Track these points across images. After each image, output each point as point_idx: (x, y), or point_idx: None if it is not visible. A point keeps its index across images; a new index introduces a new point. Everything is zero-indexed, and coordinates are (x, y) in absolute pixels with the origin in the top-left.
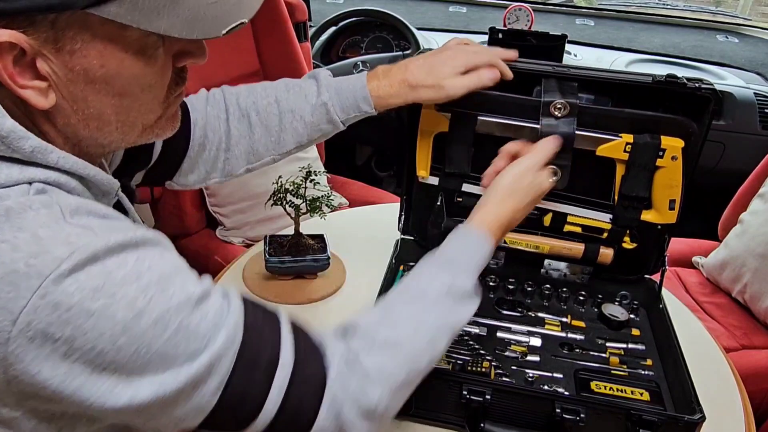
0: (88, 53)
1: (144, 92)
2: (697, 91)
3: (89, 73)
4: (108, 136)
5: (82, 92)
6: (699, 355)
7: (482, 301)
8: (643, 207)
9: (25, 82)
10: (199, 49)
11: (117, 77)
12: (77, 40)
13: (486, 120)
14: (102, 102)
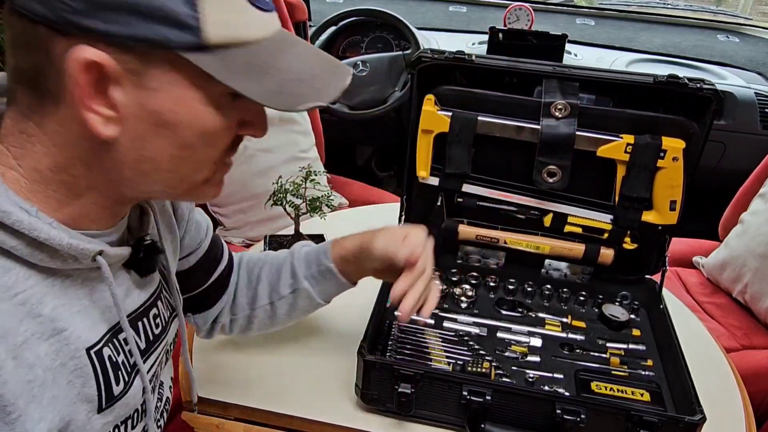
0: (165, 95)
1: (204, 148)
2: (698, 92)
3: (160, 116)
4: (152, 184)
5: (146, 132)
6: (699, 355)
7: (482, 302)
8: (643, 208)
9: (93, 106)
10: (261, 123)
11: (185, 127)
12: (161, 80)
13: (486, 120)
14: (161, 148)
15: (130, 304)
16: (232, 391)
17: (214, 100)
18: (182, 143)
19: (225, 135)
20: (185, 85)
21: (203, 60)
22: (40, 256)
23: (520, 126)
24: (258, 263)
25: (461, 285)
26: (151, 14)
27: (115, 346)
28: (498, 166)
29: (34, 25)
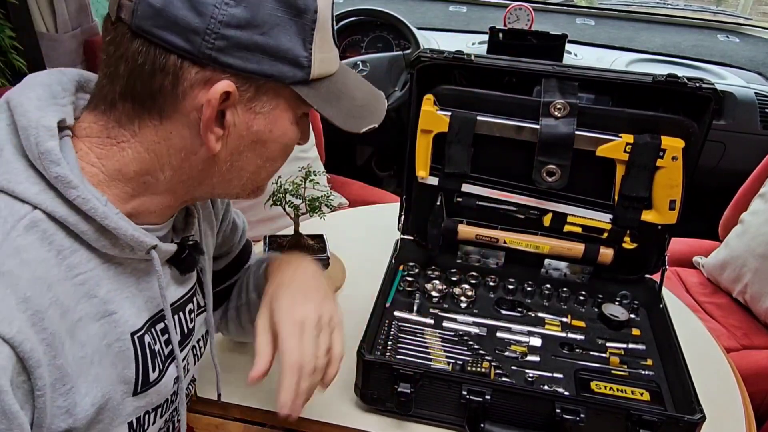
0: (267, 117)
1: (282, 159)
2: (697, 91)
3: (259, 134)
4: (227, 189)
5: (244, 147)
6: (699, 355)
7: (482, 301)
8: (643, 207)
9: (212, 126)
10: (306, 137)
11: (276, 143)
12: (266, 105)
13: (485, 120)
14: (251, 160)
15: (170, 297)
16: (232, 391)
17: (298, 121)
18: (269, 156)
19: (292, 147)
20: (283, 108)
21: (305, 91)
22: (104, 242)
23: (520, 125)
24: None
25: (461, 285)
26: (278, 55)
27: (153, 334)
28: (497, 166)
29: (167, 54)
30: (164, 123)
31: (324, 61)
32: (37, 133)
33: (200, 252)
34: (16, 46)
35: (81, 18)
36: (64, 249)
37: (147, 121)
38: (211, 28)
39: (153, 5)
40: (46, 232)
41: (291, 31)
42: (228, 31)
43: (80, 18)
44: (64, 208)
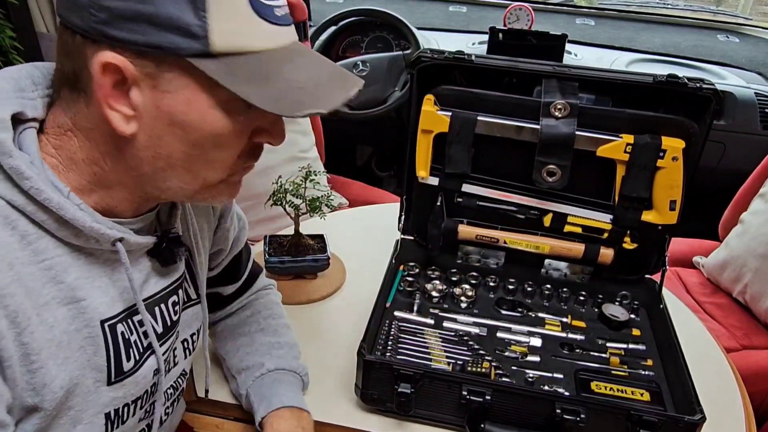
0: (177, 97)
1: (214, 150)
2: (698, 91)
3: (172, 116)
4: (168, 180)
5: (161, 131)
6: (700, 355)
7: (483, 302)
8: (643, 207)
9: (114, 104)
10: (277, 131)
11: (195, 128)
12: (173, 83)
13: (486, 120)
14: (174, 146)
15: (149, 289)
16: (231, 392)
17: (223, 104)
18: (193, 143)
19: (235, 140)
20: (195, 88)
21: (209, 66)
22: (65, 232)
23: (520, 126)
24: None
25: (461, 285)
26: (164, 24)
27: (129, 325)
28: (498, 166)
29: (73, 35)
30: (90, 107)
31: (235, 34)
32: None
33: (180, 245)
34: (16, 46)
35: None
36: (29, 235)
37: (79, 106)
38: (92, 0)
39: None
40: (9, 217)
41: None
42: (106, 2)
43: None
44: (21, 198)
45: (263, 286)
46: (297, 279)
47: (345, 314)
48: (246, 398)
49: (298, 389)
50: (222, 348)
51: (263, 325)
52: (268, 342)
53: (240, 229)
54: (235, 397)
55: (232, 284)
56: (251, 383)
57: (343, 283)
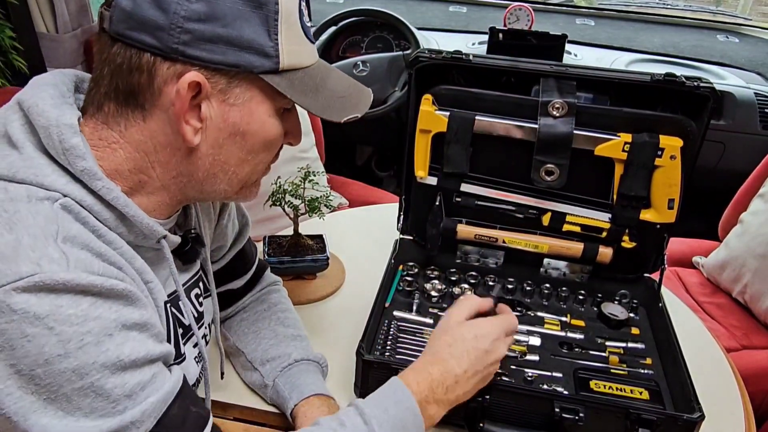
0: (243, 109)
1: (264, 153)
2: (695, 90)
3: (236, 126)
4: (217, 184)
5: (224, 140)
6: (699, 354)
7: None
8: (641, 206)
9: (188, 119)
10: (298, 133)
11: (254, 134)
12: (240, 97)
13: (484, 120)
14: (232, 153)
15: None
16: (231, 392)
17: (276, 112)
18: (250, 149)
19: (277, 141)
20: (258, 100)
21: (276, 80)
22: (122, 229)
23: (518, 125)
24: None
25: (460, 284)
26: (243, 46)
27: (170, 312)
28: (496, 166)
29: (141, 53)
30: (147, 121)
31: (295, 53)
32: (60, 131)
33: (202, 244)
34: (16, 46)
35: (81, 18)
36: (98, 229)
37: (131, 120)
38: (175, 23)
39: (125, 10)
40: (80, 214)
41: (253, 22)
42: (191, 25)
43: (80, 18)
44: (90, 197)
45: (272, 281)
46: (296, 279)
47: (344, 314)
48: (273, 388)
49: (323, 378)
50: (241, 341)
51: (282, 318)
52: (291, 334)
53: (243, 225)
54: (251, 390)
55: (242, 277)
56: (279, 373)
57: (342, 284)
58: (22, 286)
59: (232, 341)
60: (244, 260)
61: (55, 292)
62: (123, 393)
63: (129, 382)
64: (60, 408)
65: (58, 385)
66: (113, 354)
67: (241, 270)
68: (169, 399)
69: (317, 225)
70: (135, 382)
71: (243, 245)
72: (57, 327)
